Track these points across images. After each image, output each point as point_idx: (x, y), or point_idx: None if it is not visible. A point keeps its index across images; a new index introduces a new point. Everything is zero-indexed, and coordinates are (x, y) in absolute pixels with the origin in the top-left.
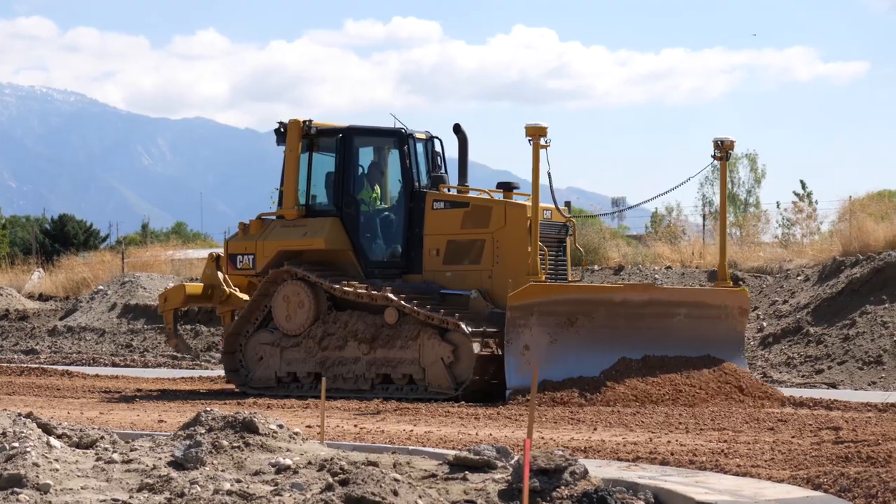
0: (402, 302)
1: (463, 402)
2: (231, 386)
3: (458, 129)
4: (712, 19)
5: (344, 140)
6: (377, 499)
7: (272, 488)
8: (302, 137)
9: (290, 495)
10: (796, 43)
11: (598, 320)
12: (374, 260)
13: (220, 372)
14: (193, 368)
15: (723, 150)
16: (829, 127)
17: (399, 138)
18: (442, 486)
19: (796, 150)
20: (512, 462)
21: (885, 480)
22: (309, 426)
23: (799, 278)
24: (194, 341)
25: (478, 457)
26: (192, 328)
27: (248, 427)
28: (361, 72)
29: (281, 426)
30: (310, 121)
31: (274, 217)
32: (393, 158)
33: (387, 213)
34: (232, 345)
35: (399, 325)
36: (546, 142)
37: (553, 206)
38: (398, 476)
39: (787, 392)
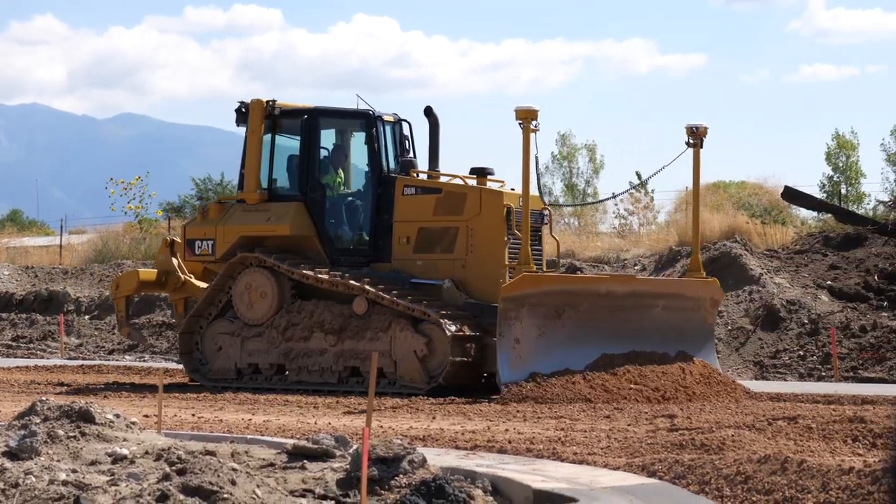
0: (373, 290)
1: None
2: (183, 379)
3: (429, 112)
4: (552, 10)
5: (309, 121)
6: (214, 488)
7: (108, 478)
8: (265, 118)
9: (127, 485)
10: (635, 35)
11: (584, 312)
12: (341, 247)
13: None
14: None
15: (696, 136)
16: (667, 119)
17: (367, 120)
18: (280, 475)
19: (634, 142)
20: (350, 451)
21: (719, 467)
22: (146, 415)
23: (636, 268)
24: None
25: (316, 446)
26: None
27: (85, 417)
28: (201, 59)
29: (118, 415)
30: (273, 101)
31: (234, 201)
32: (358, 142)
33: (353, 198)
34: (188, 342)
35: (369, 316)
36: (535, 125)
37: (534, 193)
38: (236, 465)
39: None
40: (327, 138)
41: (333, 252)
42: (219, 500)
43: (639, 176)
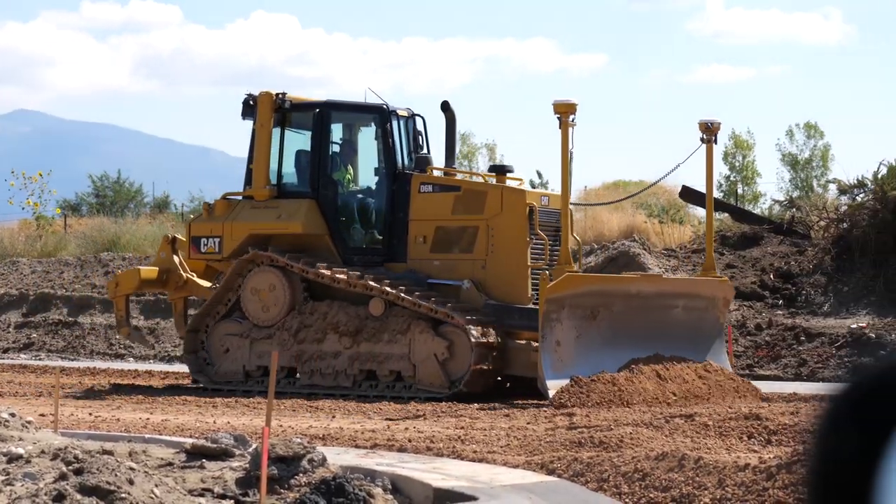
0: (392, 291)
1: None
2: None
3: (445, 107)
4: (453, 9)
5: (321, 116)
6: (112, 487)
7: (3, 478)
8: (274, 111)
9: (23, 485)
10: (537, 34)
11: (617, 313)
12: (354, 246)
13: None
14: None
15: (710, 132)
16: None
17: (381, 115)
18: (179, 475)
19: (534, 142)
20: (250, 450)
21: (617, 465)
22: (42, 414)
23: None
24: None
25: (215, 445)
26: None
27: None
28: (98, 55)
29: (13, 415)
30: (283, 93)
31: (240, 198)
32: (367, 136)
33: (366, 196)
34: (193, 341)
35: (386, 318)
36: (573, 120)
37: (556, 192)
38: (134, 465)
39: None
40: (335, 133)
41: (346, 251)
42: (116, 500)
43: (539, 175)
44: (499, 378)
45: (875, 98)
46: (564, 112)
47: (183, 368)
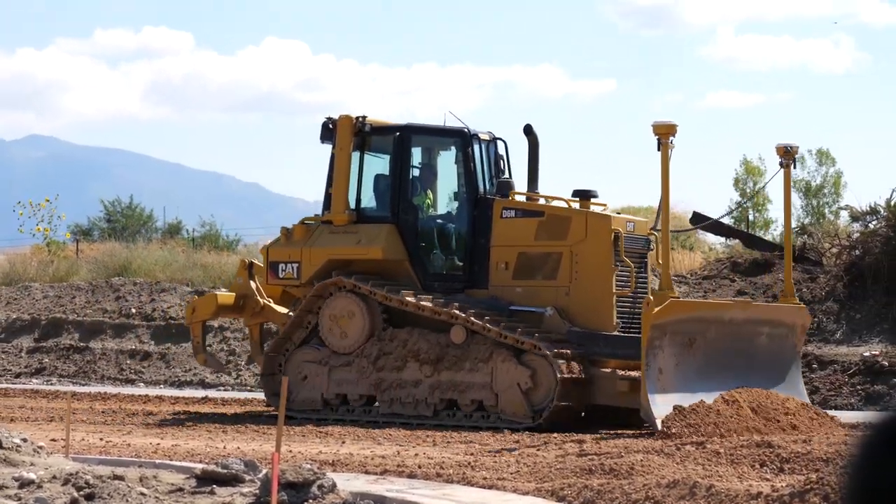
0: (473, 319)
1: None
2: (270, 408)
3: (528, 131)
4: (461, 35)
5: (402, 139)
6: None
7: (15, 503)
8: (354, 135)
9: None
10: (545, 60)
11: (711, 341)
12: (434, 272)
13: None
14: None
15: (788, 156)
16: (578, 142)
17: (463, 139)
18: (189, 500)
19: (544, 166)
20: (260, 476)
21: (628, 492)
22: (54, 440)
23: None
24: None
25: (225, 470)
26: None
27: None
28: (110, 81)
29: (25, 440)
30: (364, 117)
31: (319, 223)
32: (448, 161)
33: (446, 221)
34: (272, 363)
35: (467, 345)
36: (672, 143)
37: (641, 219)
38: (145, 490)
39: None
40: (415, 157)
41: (426, 277)
42: None
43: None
44: (582, 413)
45: (887, 125)
46: (665, 133)
47: (193, 393)
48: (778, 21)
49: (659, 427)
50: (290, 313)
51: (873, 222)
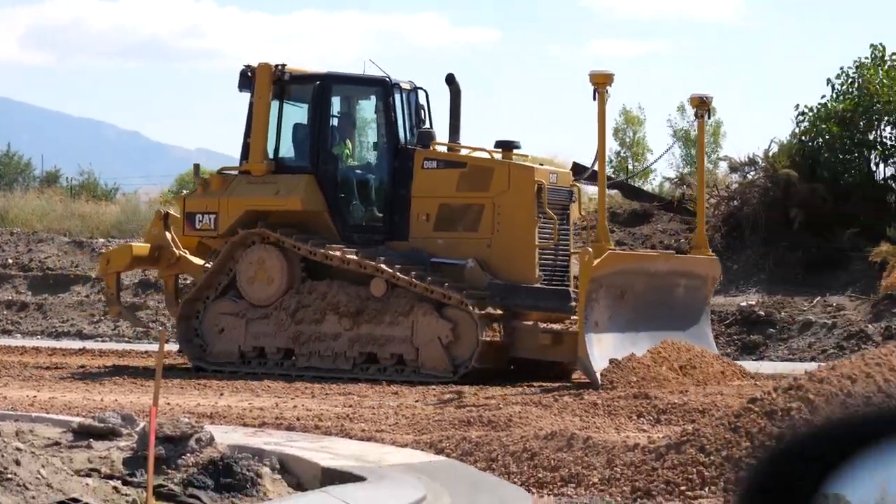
0: (392, 271)
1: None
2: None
3: (451, 80)
4: None
5: (322, 88)
6: None
7: None
8: (273, 83)
9: None
10: (426, 9)
11: (639, 293)
12: (354, 223)
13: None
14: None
15: (703, 107)
16: (467, 91)
17: (384, 88)
18: (66, 455)
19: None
20: (137, 429)
21: (505, 444)
22: None
23: None
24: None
25: (102, 424)
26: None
27: None
28: None
29: None
30: (283, 65)
31: (237, 172)
32: (368, 110)
33: (366, 172)
34: (187, 313)
35: (387, 299)
36: (608, 92)
37: (565, 170)
38: (20, 445)
39: None
40: (335, 106)
41: (346, 228)
42: (3, 481)
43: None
44: (507, 363)
45: (767, 76)
46: (601, 83)
47: (71, 344)
48: None
49: (599, 380)
50: (207, 265)
51: (751, 173)
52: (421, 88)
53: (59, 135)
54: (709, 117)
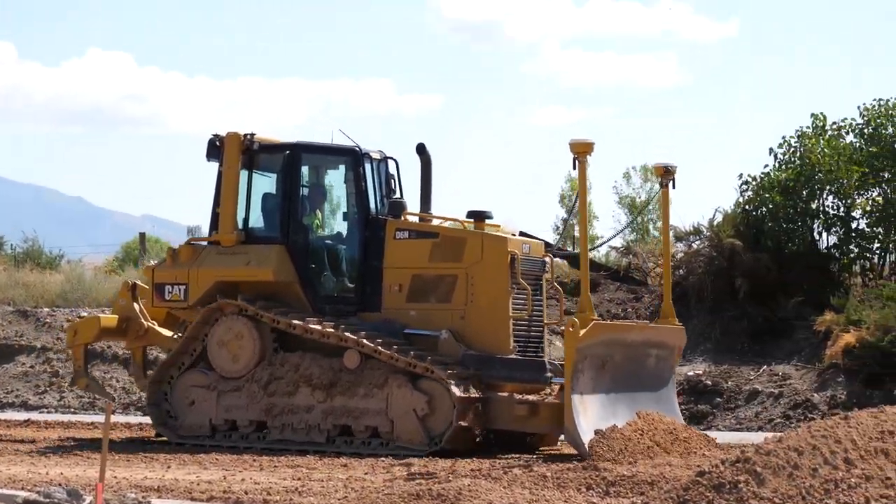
0: (367, 342)
1: None
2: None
3: (421, 150)
4: (289, 50)
5: (291, 158)
6: None
7: None
8: (242, 153)
9: None
10: (373, 75)
11: (618, 363)
12: (326, 294)
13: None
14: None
15: (668, 176)
16: (405, 158)
17: (354, 157)
18: None
19: None
20: None
21: None
22: None
23: None
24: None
25: (47, 499)
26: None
27: None
28: None
29: None
30: (252, 134)
31: (206, 243)
32: (338, 180)
33: (338, 242)
34: (158, 388)
35: (361, 370)
36: (588, 161)
37: (539, 240)
38: None
39: None
40: (304, 175)
41: (318, 299)
42: None
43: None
44: (481, 434)
45: (711, 145)
46: (581, 152)
47: (15, 416)
48: (602, 38)
49: (588, 451)
50: (176, 336)
51: (696, 242)
52: (391, 158)
53: (2, 201)
54: (673, 186)
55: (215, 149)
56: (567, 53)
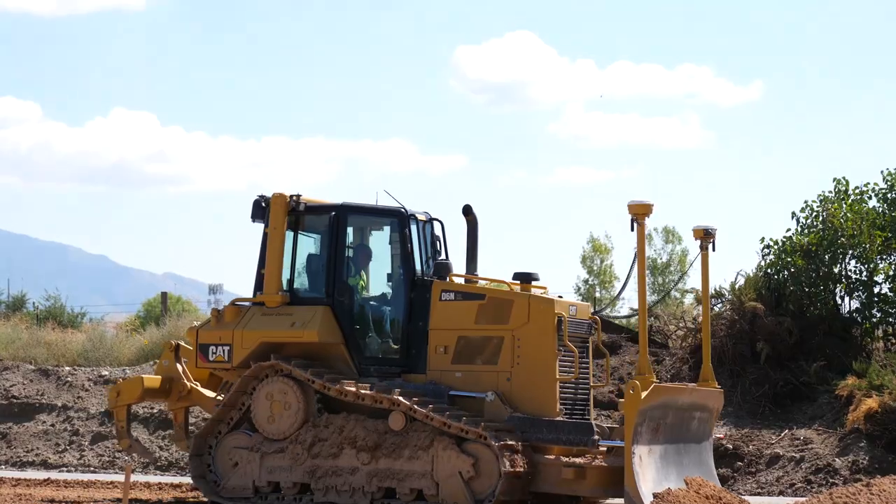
0: (416, 406)
1: None
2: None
3: (468, 211)
4: (312, 110)
5: (337, 218)
6: None
7: None
8: (287, 214)
9: None
10: (395, 135)
11: (669, 426)
12: (371, 356)
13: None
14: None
15: (707, 238)
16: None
17: (399, 219)
18: None
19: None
20: None
21: None
22: None
23: None
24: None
25: None
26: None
27: None
28: None
29: None
30: (298, 195)
31: (250, 304)
32: (383, 241)
33: (382, 303)
34: (201, 447)
35: (407, 433)
36: (646, 222)
37: (580, 301)
38: None
39: None
40: (349, 236)
41: (362, 361)
42: None
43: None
44: (528, 500)
45: (733, 207)
46: (640, 213)
47: (35, 475)
48: (625, 99)
49: None
50: (219, 397)
51: (718, 305)
52: (436, 219)
53: (26, 258)
54: (713, 249)
55: (261, 209)
56: (590, 115)
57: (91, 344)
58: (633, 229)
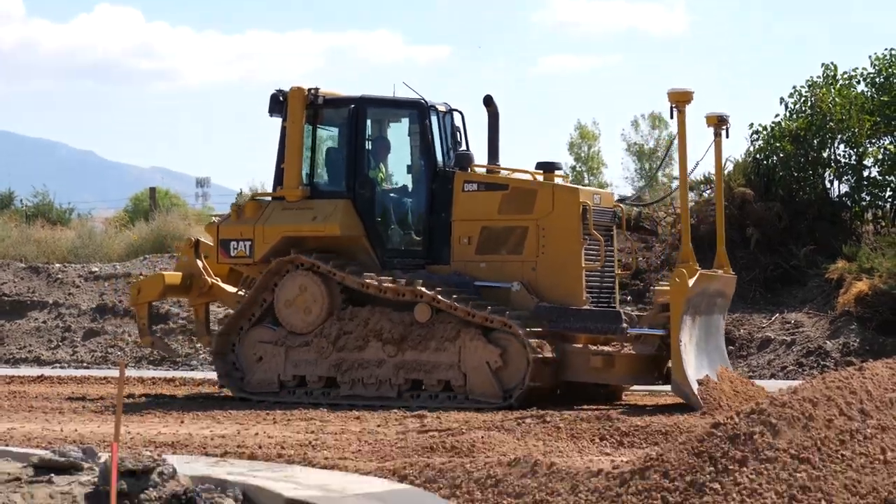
0: (441, 297)
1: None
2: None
3: (488, 102)
4: (296, 3)
5: (357, 112)
6: None
7: None
8: (305, 108)
9: None
10: (381, 26)
11: (703, 313)
12: (393, 248)
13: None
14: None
15: (721, 125)
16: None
17: (419, 111)
18: (27, 490)
19: None
20: (99, 463)
21: (470, 471)
22: None
23: None
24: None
25: (63, 458)
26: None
27: None
28: None
29: None
30: (316, 89)
31: (270, 199)
32: (403, 133)
33: (405, 195)
34: (223, 345)
35: (433, 324)
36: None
37: (605, 191)
38: None
39: None
40: (369, 129)
41: (385, 253)
42: None
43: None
44: (556, 388)
45: (720, 94)
46: (681, 101)
47: (29, 371)
48: None
49: (700, 402)
50: (240, 292)
51: (707, 191)
52: (456, 110)
53: (12, 156)
54: (727, 136)
55: (278, 104)
56: (575, 2)
57: (81, 241)
58: (672, 116)
